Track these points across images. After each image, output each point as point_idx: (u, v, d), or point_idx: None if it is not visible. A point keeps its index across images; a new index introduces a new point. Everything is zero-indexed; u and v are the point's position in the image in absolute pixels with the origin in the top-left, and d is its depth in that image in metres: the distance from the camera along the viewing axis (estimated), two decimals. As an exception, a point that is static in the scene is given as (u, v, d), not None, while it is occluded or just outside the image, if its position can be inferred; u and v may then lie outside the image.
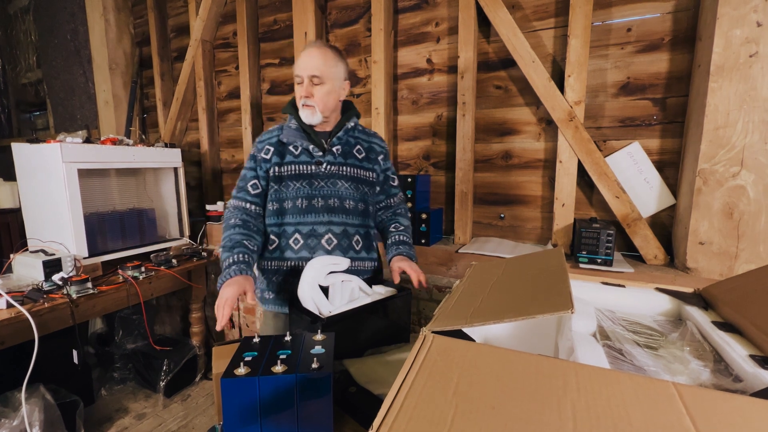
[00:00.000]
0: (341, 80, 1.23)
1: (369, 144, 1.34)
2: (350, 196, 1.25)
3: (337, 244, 1.23)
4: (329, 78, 1.19)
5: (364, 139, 1.33)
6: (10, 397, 1.64)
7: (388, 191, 1.38)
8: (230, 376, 0.71)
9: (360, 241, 1.28)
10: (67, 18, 3.29)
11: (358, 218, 1.27)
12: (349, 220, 1.25)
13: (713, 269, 1.40)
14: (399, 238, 1.32)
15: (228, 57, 2.66)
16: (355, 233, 1.26)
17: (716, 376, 0.60)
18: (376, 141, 1.36)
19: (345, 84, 1.26)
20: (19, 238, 2.45)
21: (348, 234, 1.25)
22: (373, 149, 1.33)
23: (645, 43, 1.58)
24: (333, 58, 1.20)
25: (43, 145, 1.81)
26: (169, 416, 2.10)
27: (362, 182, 1.28)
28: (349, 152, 1.28)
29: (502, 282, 0.77)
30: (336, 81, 1.21)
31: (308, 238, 1.22)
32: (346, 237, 1.24)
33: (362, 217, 1.29)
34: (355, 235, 1.26)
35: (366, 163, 1.30)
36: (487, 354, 0.53)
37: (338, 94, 1.24)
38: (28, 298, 1.56)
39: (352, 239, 1.25)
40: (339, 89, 1.23)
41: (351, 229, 1.25)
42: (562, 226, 1.73)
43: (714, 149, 1.35)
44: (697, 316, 0.77)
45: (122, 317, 2.46)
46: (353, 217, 1.26)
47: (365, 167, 1.30)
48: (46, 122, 3.87)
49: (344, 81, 1.25)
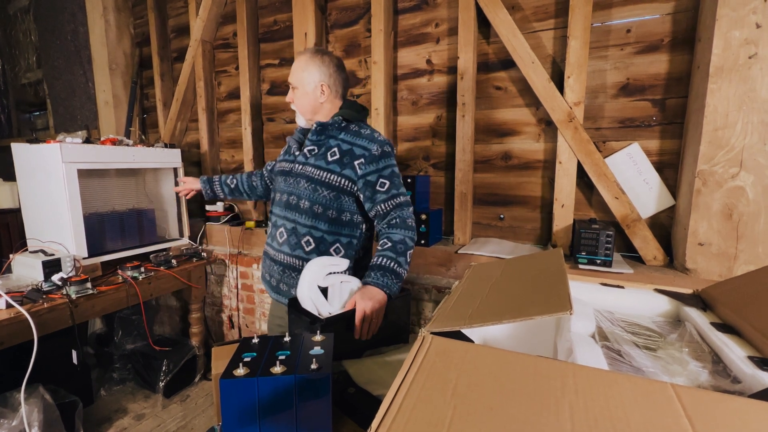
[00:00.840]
0: (314, 83, 1.27)
1: (350, 146, 1.24)
2: (306, 197, 1.25)
3: (286, 240, 1.28)
4: (299, 83, 1.27)
5: (347, 140, 1.25)
6: (9, 397, 1.64)
7: (372, 198, 1.22)
8: (229, 376, 0.71)
9: (311, 243, 1.26)
10: (67, 18, 3.29)
11: (310, 219, 1.25)
12: (300, 220, 1.26)
13: (712, 270, 1.40)
14: (377, 261, 1.15)
15: (228, 57, 2.66)
16: (307, 234, 1.26)
17: (715, 377, 0.60)
18: (361, 144, 1.23)
19: (320, 86, 1.27)
20: (19, 238, 2.45)
21: (297, 233, 1.26)
22: (352, 152, 1.22)
23: (644, 44, 1.59)
24: (303, 62, 1.26)
25: (43, 146, 1.81)
26: (168, 417, 2.10)
27: (323, 185, 1.23)
28: (321, 153, 1.26)
29: (501, 283, 0.78)
30: (307, 85, 1.27)
31: (272, 229, 1.34)
32: (294, 235, 1.27)
33: (317, 219, 1.25)
34: (305, 236, 1.26)
35: (334, 166, 1.23)
36: (486, 355, 0.53)
37: (313, 96, 1.28)
38: (28, 298, 1.56)
39: (301, 239, 1.26)
40: (312, 92, 1.27)
41: (301, 229, 1.26)
42: (562, 227, 1.73)
43: (713, 150, 1.35)
44: (696, 318, 0.77)
45: (122, 317, 2.46)
46: (305, 218, 1.26)
47: (332, 170, 1.23)
48: (46, 122, 3.87)
49: (319, 83, 1.27)
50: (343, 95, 1.35)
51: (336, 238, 1.27)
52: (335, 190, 1.24)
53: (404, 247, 1.17)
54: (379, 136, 1.27)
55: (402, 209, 1.23)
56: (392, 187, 1.23)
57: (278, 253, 1.32)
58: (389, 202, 1.22)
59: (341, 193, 1.24)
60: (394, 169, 1.27)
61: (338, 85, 1.31)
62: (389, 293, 1.10)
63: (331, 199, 1.24)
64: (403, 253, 1.16)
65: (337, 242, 1.28)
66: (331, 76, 1.28)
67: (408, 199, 1.26)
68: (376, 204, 1.23)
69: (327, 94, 1.29)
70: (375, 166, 1.22)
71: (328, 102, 1.30)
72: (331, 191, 1.24)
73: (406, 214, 1.23)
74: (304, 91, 1.27)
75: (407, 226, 1.21)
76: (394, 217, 1.22)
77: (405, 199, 1.25)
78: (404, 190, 1.27)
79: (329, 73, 1.27)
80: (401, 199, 1.24)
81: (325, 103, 1.30)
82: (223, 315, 2.65)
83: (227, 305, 2.61)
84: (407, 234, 1.20)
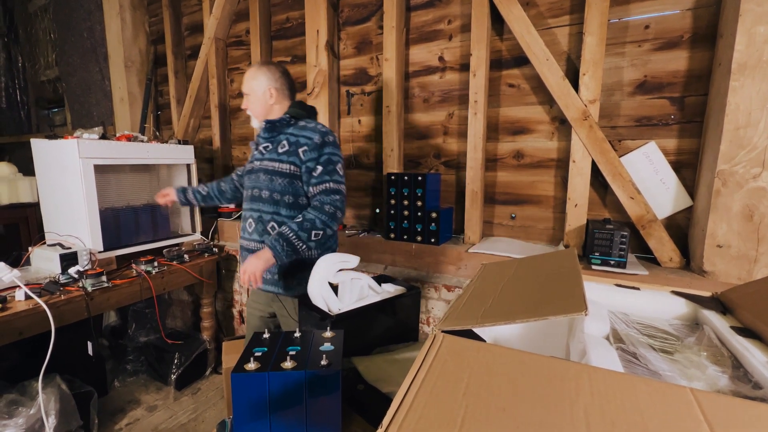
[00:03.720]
0: (263, 88, 1.44)
1: (297, 138, 1.38)
2: (265, 187, 1.41)
3: (255, 228, 1.44)
4: (251, 90, 1.45)
5: (294, 133, 1.40)
6: (28, 386, 1.69)
7: (308, 182, 1.38)
8: (240, 371, 0.71)
9: (276, 227, 1.40)
10: (84, 16, 3.35)
11: (271, 207, 1.41)
12: (263, 208, 1.42)
13: (731, 273, 1.36)
14: (281, 228, 1.32)
15: (240, 55, 2.68)
16: (270, 220, 1.41)
17: (735, 382, 0.58)
18: (305, 134, 1.38)
19: (269, 90, 1.44)
20: (37, 231, 2.51)
21: (263, 220, 1.42)
22: (298, 142, 1.37)
23: (663, 40, 1.55)
24: (253, 73, 1.45)
25: (61, 141, 1.85)
26: (179, 409, 2.14)
27: (277, 174, 1.39)
28: (274, 148, 1.42)
29: (514, 282, 0.77)
30: (257, 90, 1.44)
31: (242, 222, 1.50)
32: (261, 223, 1.42)
33: (276, 206, 1.40)
34: (270, 222, 1.41)
35: (285, 156, 1.38)
36: (499, 355, 0.52)
37: (263, 99, 1.44)
38: (46, 290, 1.59)
39: (266, 225, 1.41)
40: (262, 96, 1.44)
41: (265, 216, 1.42)
42: (575, 227, 1.71)
43: (734, 150, 1.31)
44: (715, 321, 0.75)
45: (135, 311, 2.50)
46: (267, 206, 1.41)
47: (282, 160, 1.38)
48: (63, 119, 3.96)
49: (267, 88, 1.44)
50: (291, 98, 1.51)
51: (285, 219, 1.40)
52: (287, 176, 1.38)
53: (310, 225, 1.31)
54: (322, 128, 1.41)
55: (327, 195, 1.36)
56: (324, 173, 1.37)
57: (249, 242, 1.46)
58: (318, 186, 1.36)
59: (293, 179, 1.38)
60: (331, 158, 1.39)
61: (285, 88, 1.48)
62: (276, 257, 1.29)
63: (285, 185, 1.38)
64: (307, 230, 1.31)
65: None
66: (277, 81, 1.45)
67: (338, 187, 1.37)
68: (310, 187, 1.38)
69: (275, 97, 1.45)
70: (316, 154, 1.36)
71: (277, 103, 1.46)
72: (284, 178, 1.38)
73: (327, 200, 1.35)
74: (256, 96, 1.45)
75: (323, 211, 1.34)
76: (317, 200, 1.36)
77: (333, 186, 1.37)
78: (338, 177, 1.39)
79: (275, 78, 1.45)
80: (329, 186, 1.36)
81: (275, 105, 1.46)
82: (233, 310, 2.68)
83: (238, 300, 2.64)
84: (320, 216, 1.33)
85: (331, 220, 1.34)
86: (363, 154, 2.31)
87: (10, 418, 1.55)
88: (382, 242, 2.02)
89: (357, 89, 2.28)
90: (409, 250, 1.94)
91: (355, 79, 2.28)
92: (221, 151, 2.78)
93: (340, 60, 2.30)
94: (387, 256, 2.01)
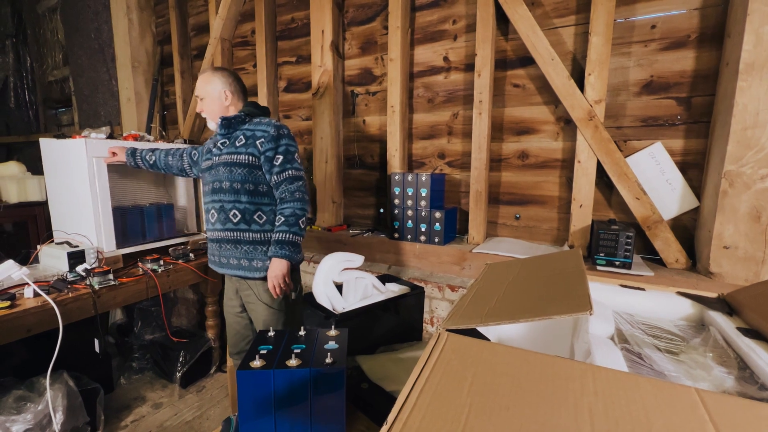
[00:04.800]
0: (217, 90, 1.51)
1: (253, 132, 1.46)
2: (225, 179, 1.47)
3: (217, 218, 1.50)
4: (206, 94, 1.52)
5: (249, 129, 1.48)
6: (36, 382, 1.71)
7: (270, 170, 1.44)
8: (246, 368, 0.72)
9: (237, 215, 1.46)
10: (91, 17, 3.38)
11: (231, 196, 1.47)
12: (224, 198, 1.48)
13: (738, 274, 1.35)
14: (275, 236, 1.41)
15: (246, 55, 2.70)
16: (232, 208, 1.47)
17: (741, 383, 0.58)
18: (260, 128, 1.46)
19: (224, 92, 1.51)
20: (45, 229, 2.54)
21: (224, 209, 1.48)
22: (254, 135, 1.45)
23: (670, 40, 1.54)
24: (207, 78, 1.51)
25: (69, 141, 1.87)
26: (184, 406, 2.15)
27: (235, 165, 1.45)
28: (231, 143, 1.49)
29: (518, 282, 0.77)
30: (213, 92, 1.51)
31: (206, 215, 1.57)
32: (222, 212, 1.48)
33: (237, 194, 1.46)
34: (231, 210, 1.47)
35: (243, 149, 1.45)
36: (503, 354, 0.52)
37: (219, 101, 1.51)
38: (54, 287, 1.61)
39: (228, 213, 1.47)
40: (218, 97, 1.51)
41: (227, 205, 1.48)
42: (580, 228, 1.70)
43: (742, 150, 1.30)
44: (721, 322, 0.75)
45: (141, 309, 2.52)
46: (228, 195, 1.48)
47: (240, 152, 1.44)
48: (70, 118, 4.00)
49: (222, 90, 1.51)
50: (244, 99, 1.58)
51: (257, 207, 1.47)
52: (246, 166, 1.44)
53: (294, 218, 1.40)
54: (276, 122, 1.48)
55: (292, 182, 1.44)
56: (285, 162, 1.43)
57: (214, 232, 1.53)
58: (281, 174, 1.43)
59: (252, 168, 1.45)
60: (289, 148, 1.46)
61: (238, 91, 1.55)
62: (290, 260, 1.38)
63: (245, 175, 1.45)
64: (294, 224, 1.40)
65: (258, 210, 1.47)
66: (231, 84, 1.53)
67: (299, 174, 1.45)
68: (272, 175, 1.44)
69: (230, 98, 1.53)
70: (273, 144, 1.43)
71: (231, 105, 1.54)
72: (243, 168, 1.44)
73: (293, 188, 1.43)
74: (212, 98, 1.52)
75: (294, 198, 1.42)
76: (283, 190, 1.43)
77: (296, 173, 1.45)
78: (298, 165, 1.46)
79: (229, 81, 1.53)
80: (292, 173, 1.44)
81: (230, 106, 1.54)
82: (238, 309, 2.70)
83: (242, 299, 2.66)
84: (295, 206, 1.41)
85: (304, 204, 1.44)
86: (367, 153, 2.32)
87: (19, 414, 1.57)
88: (386, 242, 2.02)
89: (362, 89, 2.28)
90: (413, 250, 1.94)
91: (359, 79, 2.28)
92: (226, 150, 2.79)
93: (345, 60, 2.31)
94: (391, 255, 2.01)
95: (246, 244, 1.48)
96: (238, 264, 1.50)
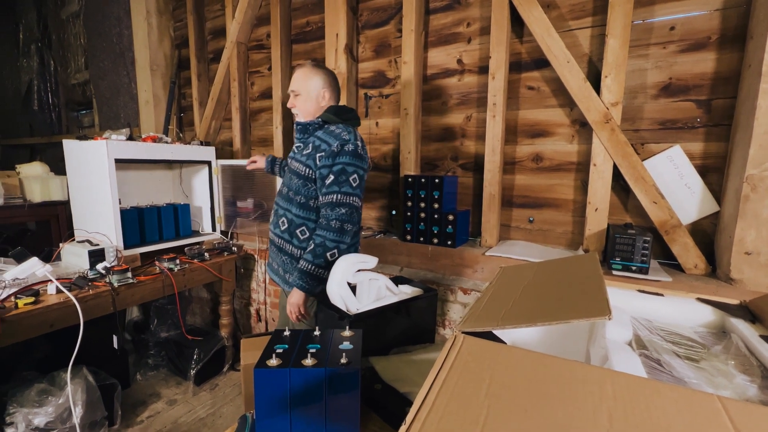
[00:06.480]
0: (316, 89, 1.45)
1: (320, 142, 1.39)
2: (286, 184, 1.49)
3: (273, 220, 1.52)
4: (303, 90, 1.45)
5: (321, 137, 1.41)
6: (56, 376, 1.76)
7: (320, 189, 1.38)
8: (263, 366, 0.73)
9: (285, 223, 1.46)
10: (113, 22, 3.48)
11: (286, 203, 1.47)
12: (281, 203, 1.49)
13: (760, 281, 1.32)
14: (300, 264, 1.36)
15: (261, 58, 2.74)
16: (283, 215, 1.48)
17: (764, 392, 0.57)
18: (328, 140, 1.37)
19: (323, 92, 1.46)
20: (67, 228, 2.62)
21: (278, 214, 1.50)
22: (319, 147, 1.38)
23: (690, 42, 1.51)
24: (306, 73, 1.45)
25: (91, 142, 1.93)
26: (198, 404, 2.19)
27: (295, 174, 1.44)
28: (303, 149, 1.45)
29: (534, 285, 0.76)
30: (312, 91, 1.45)
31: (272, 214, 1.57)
32: (276, 216, 1.51)
33: (290, 203, 1.45)
34: (282, 217, 1.48)
35: (306, 159, 1.40)
36: (520, 357, 0.52)
37: (316, 101, 1.46)
38: (75, 285, 1.66)
39: (279, 219, 1.49)
40: (315, 97, 1.46)
41: (280, 211, 1.49)
42: (595, 232, 1.68)
43: (764, 154, 1.27)
44: (744, 329, 0.73)
45: (157, 306, 2.58)
46: (283, 201, 1.49)
47: (303, 162, 1.41)
48: (91, 120, 4.11)
49: (321, 90, 1.45)
50: (336, 102, 1.54)
51: (303, 221, 1.43)
52: (302, 177, 1.41)
53: (322, 249, 1.32)
54: (346, 135, 1.37)
55: (333, 209, 1.33)
56: (333, 184, 1.33)
57: (270, 232, 1.55)
58: (326, 197, 1.35)
59: (306, 180, 1.40)
60: (345, 167, 1.33)
61: (336, 92, 1.51)
62: (308, 293, 1.36)
63: (299, 186, 1.42)
64: (320, 255, 1.32)
65: (303, 225, 1.43)
66: (331, 84, 1.48)
67: (346, 200, 1.33)
68: (321, 195, 1.38)
69: (327, 99, 1.48)
70: (330, 161, 1.34)
71: (327, 105, 1.49)
72: (299, 179, 1.42)
73: (333, 215, 1.33)
74: (309, 96, 1.45)
75: (330, 228, 1.33)
76: (323, 215, 1.36)
77: (341, 199, 1.32)
78: (348, 189, 1.33)
79: (329, 81, 1.48)
80: (337, 198, 1.33)
81: (326, 106, 1.49)
82: (251, 308, 2.73)
83: (255, 299, 2.69)
84: (328, 236, 1.32)
85: (340, 235, 1.32)
86: (380, 156, 2.33)
87: (41, 407, 1.62)
88: (399, 244, 2.02)
89: (375, 92, 2.29)
90: (425, 252, 1.94)
91: (373, 82, 2.30)
92: (241, 152, 2.84)
93: (359, 63, 2.32)
94: (403, 257, 2.01)
95: (286, 255, 1.48)
96: (277, 270, 1.53)
